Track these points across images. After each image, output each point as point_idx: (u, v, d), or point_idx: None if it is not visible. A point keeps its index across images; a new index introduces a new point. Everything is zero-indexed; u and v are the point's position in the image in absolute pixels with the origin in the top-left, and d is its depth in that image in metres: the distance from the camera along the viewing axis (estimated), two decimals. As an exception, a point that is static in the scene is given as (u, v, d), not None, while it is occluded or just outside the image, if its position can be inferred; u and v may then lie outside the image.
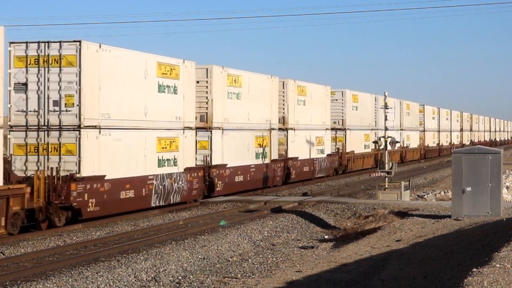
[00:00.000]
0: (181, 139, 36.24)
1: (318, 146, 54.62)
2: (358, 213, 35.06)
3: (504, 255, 16.89)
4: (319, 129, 55.26)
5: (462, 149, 32.39)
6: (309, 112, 53.28)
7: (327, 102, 57.54)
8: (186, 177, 36.44)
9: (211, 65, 40.06)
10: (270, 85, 46.87)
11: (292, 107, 50.52)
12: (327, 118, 57.11)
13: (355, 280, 20.75)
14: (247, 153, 43.44)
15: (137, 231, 28.78)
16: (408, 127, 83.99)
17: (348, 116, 62.63)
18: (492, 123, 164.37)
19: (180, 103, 36.29)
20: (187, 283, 21.74)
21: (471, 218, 28.71)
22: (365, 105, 67.23)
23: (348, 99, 62.88)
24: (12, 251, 24.10)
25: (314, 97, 54.46)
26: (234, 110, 42.02)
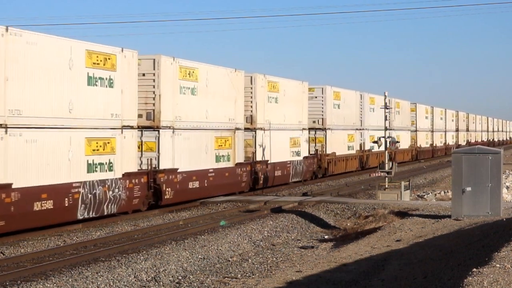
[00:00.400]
0: (119, 140, 31.41)
1: (293, 147, 50.19)
2: (358, 213, 35.06)
3: (504, 255, 16.89)
4: (295, 129, 50.53)
5: (462, 149, 32.39)
6: (283, 110, 48.52)
7: (304, 100, 52.59)
8: (125, 184, 31.69)
9: (159, 55, 35.20)
10: (234, 80, 42.18)
11: (261, 104, 45.67)
12: (304, 117, 52.26)
13: (355, 280, 20.76)
14: (205, 156, 38.58)
15: (137, 231, 28.78)
16: (398, 126, 79.30)
17: (329, 114, 57.69)
18: (490, 123, 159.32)
19: (117, 98, 31.29)
20: (187, 283, 21.75)
21: (471, 218, 28.71)
22: (348, 103, 62.33)
23: (329, 96, 57.90)
24: (12, 251, 24.11)
25: (289, 94, 49.67)
26: (188, 107, 37.01)
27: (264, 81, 46.25)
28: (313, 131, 56.11)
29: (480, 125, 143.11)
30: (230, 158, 41.47)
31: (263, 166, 45.47)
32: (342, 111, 60.42)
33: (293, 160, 49.73)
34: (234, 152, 41.78)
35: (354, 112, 63.94)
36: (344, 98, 60.97)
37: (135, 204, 32.78)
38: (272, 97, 47.39)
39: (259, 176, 44.83)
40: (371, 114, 68.33)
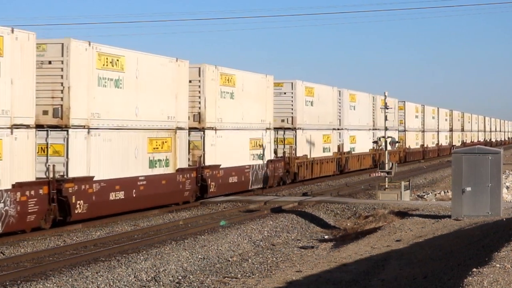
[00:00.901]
0: (6, 142, 25.55)
1: (254, 150, 44.13)
2: (358, 213, 35.07)
3: (504, 255, 16.89)
4: (256, 129, 44.34)
5: (462, 149, 32.39)
6: (241, 107, 42.57)
7: (269, 96, 46.50)
8: (15, 197, 25.73)
9: (68, 38, 29.25)
10: (176, 71, 36.00)
11: (212, 100, 39.49)
12: (268, 115, 46.25)
13: (355, 280, 20.76)
14: (134, 161, 32.53)
15: (137, 231, 28.78)
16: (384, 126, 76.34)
17: (300, 112, 51.25)
18: (487, 122, 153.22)
19: (4, 90, 25.65)
20: (187, 283, 21.75)
21: (471, 218, 28.72)
22: (324, 100, 56.02)
23: (300, 92, 51.57)
24: (12, 251, 24.11)
25: (249, 88, 43.55)
26: (110, 103, 31.12)
27: (216, 73, 40.07)
28: (282, 131, 50.27)
29: (477, 124, 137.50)
30: (170, 163, 35.26)
31: (213, 172, 39.21)
32: (316, 109, 54.30)
33: (253, 164, 43.85)
34: (174, 156, 35.58)
35: (331, 110, 57.84)
36: (319, 95, 54.78)
37: (31, 221, 26.69)
38: (227, 92, 41.22)
39: (208, 184, 38.58)
40: (352, 112, 63.24)
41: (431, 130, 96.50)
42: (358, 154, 63.85)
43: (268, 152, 46.01)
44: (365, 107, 67.14)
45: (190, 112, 38.19)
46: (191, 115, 38.39)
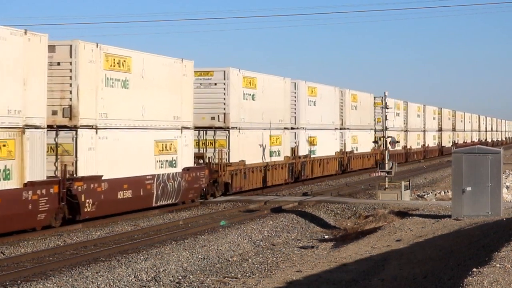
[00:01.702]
0: None
1: (163, 155, 34.50)
2: (358, 213, 35.07)
3: (504, 255, 16.89)
4: (166, 128, 34.84)
5: (462, 149, 32.38)
6: (139, 100, 32.72)
7: (186, 86, 36.46)
8: None
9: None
10: (18, 48, 26.25)
11: (89, 90, 29.80)
12: (185, 111, 36.48)
13: (355, 280, 20.76)
14: None
15: (137, 231, 28.78)
16: (355, 125, 64.50)
17: (235, 108, 41.78)
18: (482, 121, 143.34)
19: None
20: (187, 283, 21.75)
21: (471, 218, 28.72)
22: (271, 93, 46.45)
23: (236, 83, 42.14)
24: (12, 251, 24.11)
25: (153, 76, 33.63)
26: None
27: (97, 55, 30.29)
28: (212, 131, 40.92)
29: (470, 124, 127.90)
30: (12, 175, 25.72)
31: (90, 186, 29.61)
32: (261, 104, 45.09)
33: (160, 173, 34.10)
34: (21, 165, 26.06)
35: (282, 106, 48.18)
36: (264, 87, 45.49)
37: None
38: (115, 80, 31.34)
39: (81, 201, 28.94)
40: (311, 109, 54.09)
41: (415, 130, 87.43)
42: (320, 158, 54.96)
43: (185, 158, 36.36)
44: (330, 103, 58.12)
45: (59, 104, 29.42)
46: (59, 108, 29.40)
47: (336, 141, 58.93)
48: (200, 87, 40.68)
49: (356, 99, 65.25)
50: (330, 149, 57.92)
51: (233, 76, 41.84)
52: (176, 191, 35.49)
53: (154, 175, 33.83)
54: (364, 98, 67.82)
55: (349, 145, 62.78)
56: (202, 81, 41.05)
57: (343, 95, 61.97)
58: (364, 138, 66.42)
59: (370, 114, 69.64)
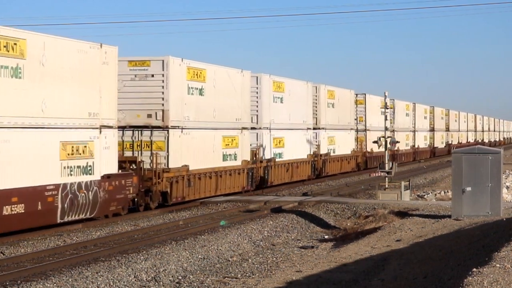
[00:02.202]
0: None
1: (73, 160, 28.70)
2: (358, 213, 35.07)
3: (504, 255, 16.89)
4: (77, 127, 29.21)
5: (462, 149, 32.40)
6: (38, 93, 27.05)
7: (108, 78, 30.88)
8: None
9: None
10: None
11: None
12: (105, 107, 30.76)
13: (355, 280, 20.77)
14: None
15: (137, 231, 28.78)
16: (332, 124, 58.33)
17: (176, 104, 35.75)
18: (478, 121, 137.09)
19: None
20: (187, 283, 21.75)
21: (471, 218, 28.72)
22: (226, 88, 40.24)
23: (178, 75, 35.86)
24: (12, 251, 24.11)
25: (55, 64, 27.95)
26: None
27: None
28: (148, 131, 35.15)
29: (466, 123, 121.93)
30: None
31: None
32: (211, 101, 38.96)
33: (68, 182, 28.31)
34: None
35: (240, 103, 42.10)
36: (215, 81, 39.32)
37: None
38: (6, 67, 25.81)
39: None
40: (277, 106, 48.11)
41: (404, 130, 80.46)
42: (288, 161, 49.33)
43: (105, 163, 30.72)
44: (301, 100, 51.97)
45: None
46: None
47: (309, 143, 52.87)
48: (134, 79, 35.25)
49: (334, 95, 58.73)
50: (301, 152, 51.80)
51: (174, 66, 35.70)
52: (91, 204, 29.50)
53: (58, 185, 27.76)
54: (343, 95, 61.07)
55: (325, 147, 56.45)
56: (137, 72, 35.32)
57: (318, 91, 55.68)
58: (343, 139, 60.43)
59: (351, 113, 62.88)
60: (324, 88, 56.74)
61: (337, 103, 59.12)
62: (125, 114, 34.73)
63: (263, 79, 46.19)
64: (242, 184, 42.48)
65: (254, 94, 45.11)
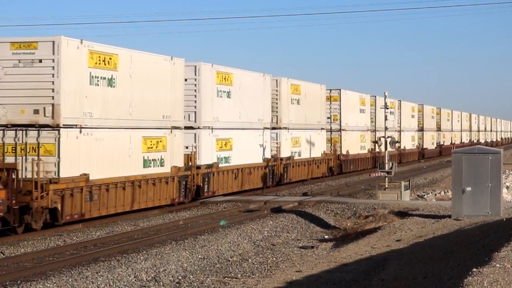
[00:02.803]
0: None
1: None
2: (358, 213, 35.07)
3: (504, 255, 16.89)
4: None
5: (462, 149, 32.41)
6: None
7: None
8: None
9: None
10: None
11: None
12: None
13: (355, 280, 20.77)
14: None
15: (137, 231, 28.78)
16: (298, 124, 50.48)
17: (74, 98, 28.89)
18: (474, 120, 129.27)
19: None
20: (187, 283, 21.75)
21: (471, 218, 28.73)
22: (148, 79, 33.64)
23: (75, 61, 28.93)
24: (12, 251, 24.11)
25: None
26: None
27: None
28: (35, 130, 28.31)
29: (460, 123, 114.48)
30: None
31: None
32: (127, 94, 32.13)
33: None
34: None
35: (169, 96, 35.37)
36: (132, 70, 32.41)
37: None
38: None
39: None
40: (223, 102, 40.93)
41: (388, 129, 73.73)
42: (238, 167, 41.95)
43: None
44: (255, 95, 44.56)
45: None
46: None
47: (266, 144, 45.44)
48: (18, 65, 28.41)
49: (299, 90, 51.07)
50: (255, 155, 44.42)
51: (68, 49, 28.54)
52: None
53: None
54: (312, 90, 53.87)
55: (287, 149, 48.91)
56: (21, 57, 28.38)
57: (279, 85, 48.07)
58: (311, 140, 52.95)
59: (322, 110, 55.19)
60: (287, 82, 48.97)
61: (303, 99, 51.51)
62: (6, 109, 28.30)
63: (202, 69, 38.68)
64: (171, 196, 35.41)
65: (192, 87, 38.49)
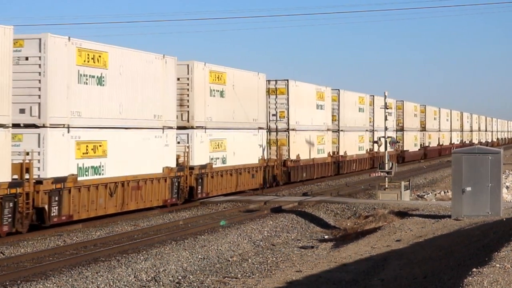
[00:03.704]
0: None
1: None
2: (358, 213, 35.07)
3: (504, 255, 16.89)
4: None
5: (462, 149, 32.42)
6: None
7: None
8: None
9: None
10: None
11: None
12: None
13: (355, 280, 20.77)
14: None
15: (137, 231, 28.79)
16: (220, 122, 39.87)
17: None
18: (466, 120, 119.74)
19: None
20: (187, 283, 21.75)
21: (471, 218, 28.73)
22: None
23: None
24: (12, 251, 24.12)
25: None
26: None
27: None
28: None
29: (449, 122, 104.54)
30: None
31: None
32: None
33: None
34: None
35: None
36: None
37: None
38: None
39: None
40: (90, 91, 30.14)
41: (356, 129, 62.03)
42: (116, 180, 31.21)
43: None
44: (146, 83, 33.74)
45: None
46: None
47: (169, 150, 35.23)
48: None
49: (223, 79, 40.16)
50: (154, 165, 34.02)
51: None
52: None
53: None
54: (245, 80, 42.78)
55: (204, 155, 38.31)
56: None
57: (191, 72, 37.29)
58: (242, 142, 42.16)
59: (260, 106, 44.66)
60: (204, 68, 38.14)
61: (230, 90, 40.75)
62: None
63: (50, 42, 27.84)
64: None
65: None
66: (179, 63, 36.41)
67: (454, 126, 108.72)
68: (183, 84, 37.38)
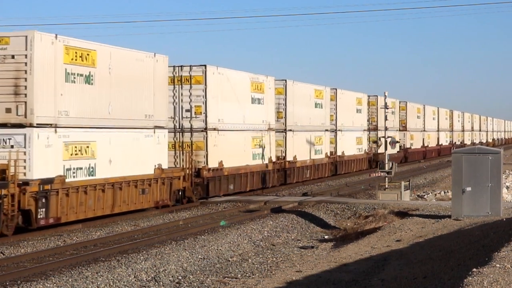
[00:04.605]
0: None
1: None
2: (358, 213, 35.07)
3: (504, 255, 16.90)
4: None
5: (462, 149, 32.43)
6: None
7: None
8: None
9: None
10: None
11: None
12: None
13: (355, 280, 20.77)
14: None
15: (137, 231, 28.78)
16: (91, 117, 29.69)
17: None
18: (457, 119, 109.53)
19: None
20: (187, 283, 21.75)
21: (471, 218, 28.74)
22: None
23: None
24: (12, 251, 24.11)
25: None
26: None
27: None
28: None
29: (436, 121, 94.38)
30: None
31: None
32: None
33: None
34: None
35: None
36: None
37: None
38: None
39: None
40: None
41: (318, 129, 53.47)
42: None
43: None
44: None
45: None
46: None
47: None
48: None
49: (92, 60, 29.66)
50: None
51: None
52: None
53: None
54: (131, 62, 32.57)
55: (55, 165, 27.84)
56: None
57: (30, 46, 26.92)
58: (127, 146, 32.19)
59: (160, 98, 34.63)
60: (54, 42, 27.94)
61: (105, 75, 30.75)
62: None
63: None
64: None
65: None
66: (13, 34, 27.53)
67: (443, 126, 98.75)
68: (19, 64, 26.99)
